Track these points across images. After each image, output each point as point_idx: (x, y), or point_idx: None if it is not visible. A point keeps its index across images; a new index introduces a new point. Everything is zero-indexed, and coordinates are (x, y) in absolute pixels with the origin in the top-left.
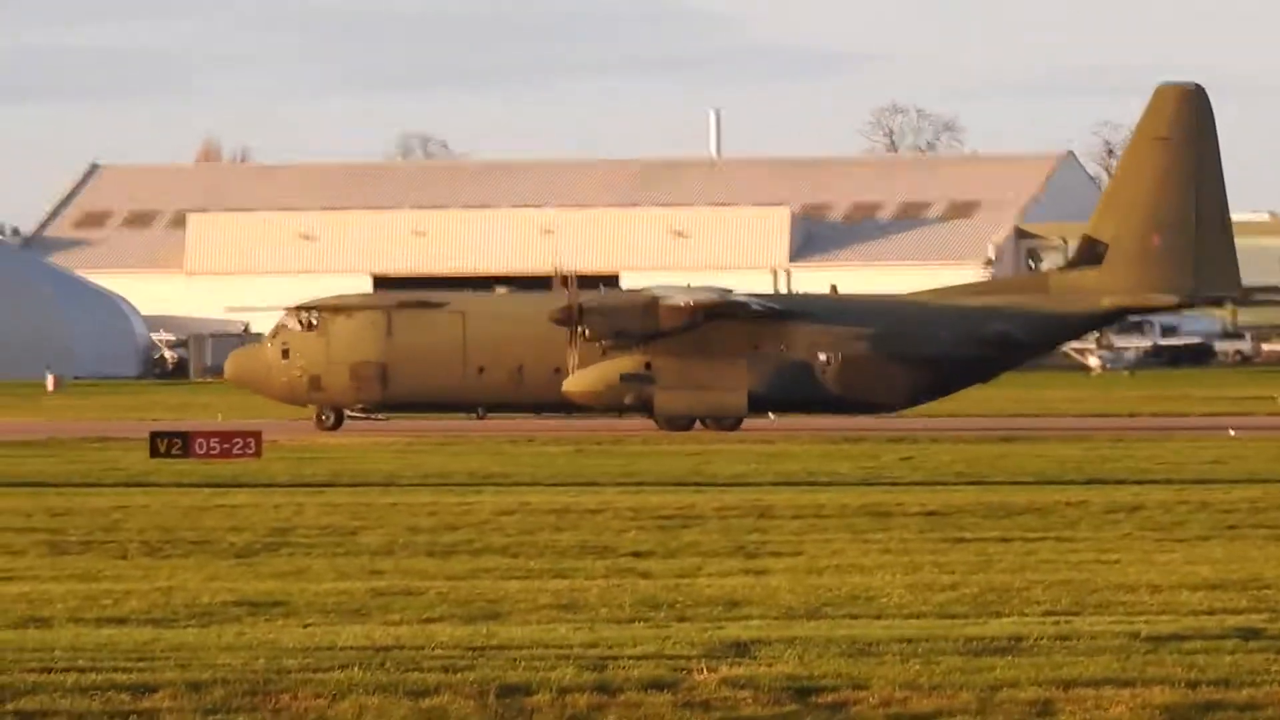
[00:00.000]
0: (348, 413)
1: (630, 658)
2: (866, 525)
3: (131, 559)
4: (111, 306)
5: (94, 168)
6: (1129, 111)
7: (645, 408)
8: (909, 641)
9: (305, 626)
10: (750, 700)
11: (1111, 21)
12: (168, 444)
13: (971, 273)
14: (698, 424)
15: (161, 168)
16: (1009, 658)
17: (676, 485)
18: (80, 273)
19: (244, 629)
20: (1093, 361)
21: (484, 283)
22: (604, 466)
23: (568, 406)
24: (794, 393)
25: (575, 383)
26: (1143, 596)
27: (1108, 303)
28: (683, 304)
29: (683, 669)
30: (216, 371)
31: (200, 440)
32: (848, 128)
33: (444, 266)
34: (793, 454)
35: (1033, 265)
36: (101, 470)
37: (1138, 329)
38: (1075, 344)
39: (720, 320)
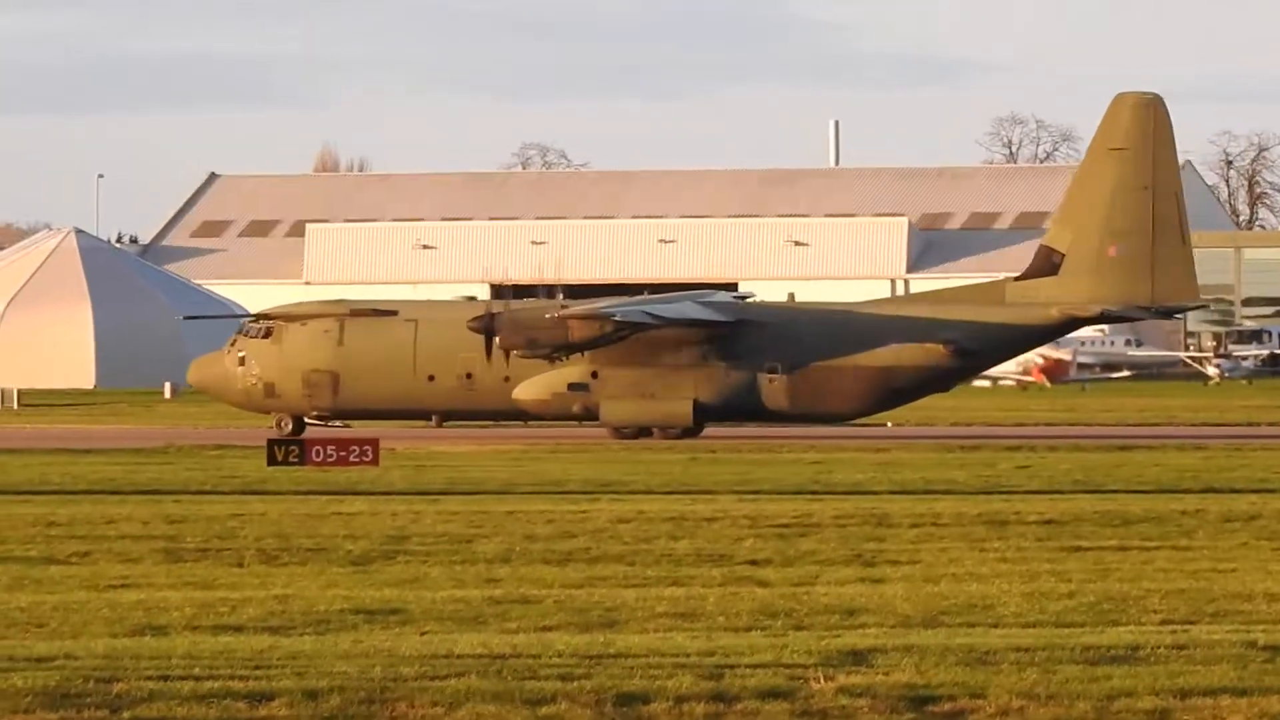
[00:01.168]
0: (307, 420)
1: (747, 666)
2: (984, 534)
3: (248, 566)
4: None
5: (212, 177)
6: (1247, 121)
7: (592, 416)
8: (1026, 650)
9: (422, 634)
10: (867, 709)
11: (1228, 31)
12: (285, 451)
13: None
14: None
15: (279, 177)
16: (1126, 667)
17: (794, 493)
18: (198, 282)
19: (360, 637)
20: (1211, 370)
21: (603, 291)
22: (721, 474)
23: (518, 415)
24: (742, 403)
25: (524, 391)
26: (1260, 605)
27: (1056, 313)
28: (589, 316)
29: (800, 677)
30: None
31: (317, 448)
32: (966, 137)
33: (564, 276)
34: (910, 462)
35: None
36: (219, 478)
37: (1255, 338)
38: (1194, 352)
39: (667, 329)
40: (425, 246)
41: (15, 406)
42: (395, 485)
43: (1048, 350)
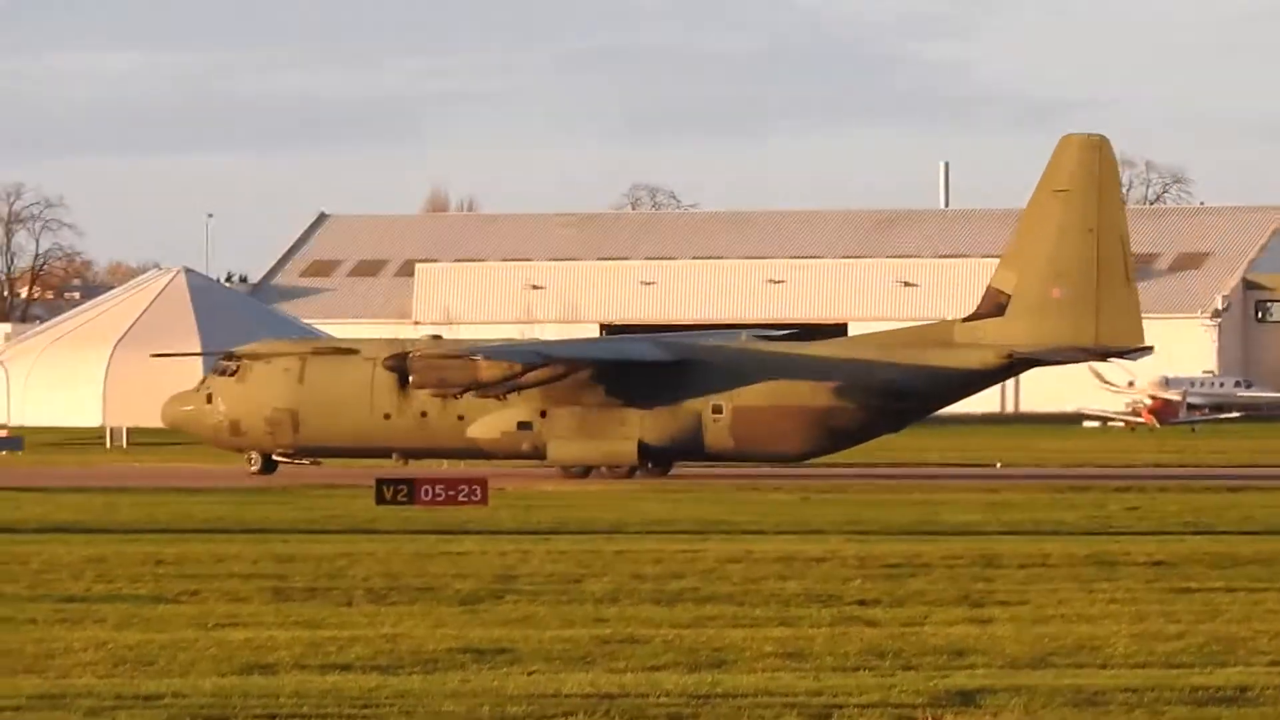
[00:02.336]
0: (276, 457)
1: (856, 706)
2: (1092, 574)
3: (357, 605)
4: None
5: (322, 217)
6: None
7: (540, 455)
8: (1134, 691)
9: (530, 674)
10: None
11: None
12: (394, 491)
13: (1199, 324)
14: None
15: (389, 217)
16: (1235, 708)
17: (903, 534)
18: (307, 321)
19: (468, 676)
20: None
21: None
22: (829, 514)
23: (474, 453)
24: (687, 443)
25: (478, 429)
26: None
27: (996, 356)
28: (495, 359)
29: (908, 718)
30: None
31: (426, 487)
32: None
33: (672, 316)
34: (1019, 503)
35: (1261, 317)
36: (327, 517)
37: None
38: None
39: (613, 368)
40: (534, 287)
41: (124, 445)
42: (504, 524)
43: (1157, 391)
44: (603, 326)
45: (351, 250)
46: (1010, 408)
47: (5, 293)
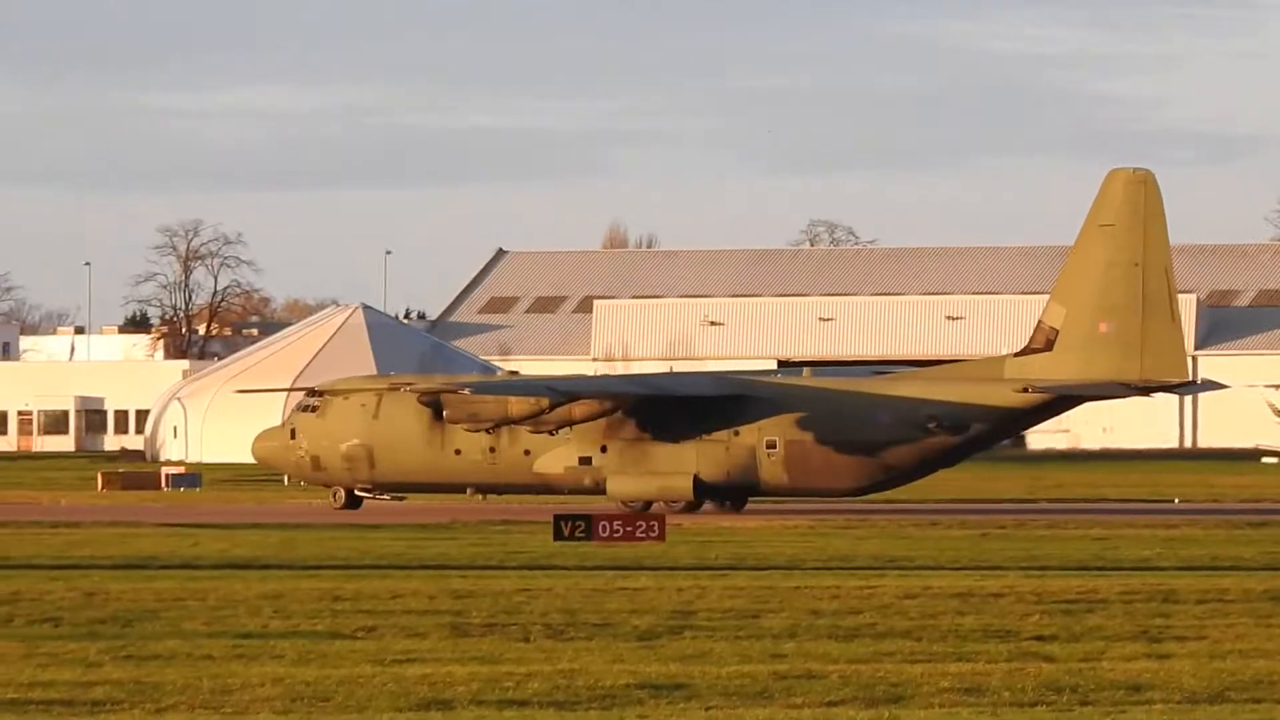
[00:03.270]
0: (358, 492)
1: None
2: (1270, 610)
3: (534, 641)
4: None
5: (500, 253)
6: None
7: (602, 490)
8: None
9: (707, 709)
10: None
11: None
12: (572, 527)
13: None
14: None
15: (568, 253)
16: None
17: (1079, 569)
18: (486, 358)
19: (646, 712)
20: None
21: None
22: (1007, 550)
23: (540, 488)
24: (742, 478)
25: (543, 464)
26: None
27: (1033, 392)
28: (524, 396)
29: None
30: None
31: (604, 523)
32: (1255, 214)
33: (850, 352)
34: (1196, 539)
35: None
36: (505, 553)
37: None
38: None
39: (666, 403)
40: (713, 323)
41: (302, 482)
42: (681, 561)
43: None
44: (780, 363)
45: (530, 286)
46: (1189, 443)
47: (183, 329)
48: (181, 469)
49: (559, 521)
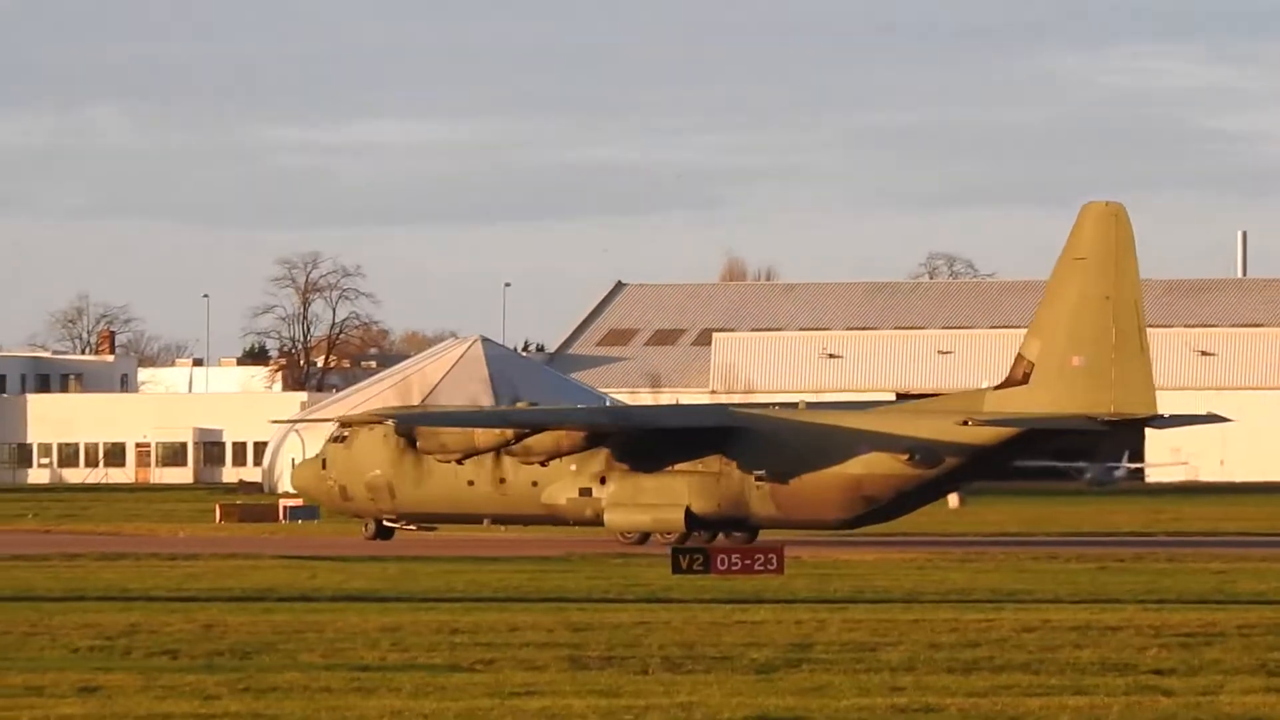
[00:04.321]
0: (386, 523)
1: None
2: None
3: (653, 674)
4: None
5: (619, 285)
6: None
7: (600, 521)
8: None
9: None
10: None
11: None
12: (689, 560)
13: None
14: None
15: (686, 286)
16: None
17: (1198, 602)
18: (604, 390)
19: None
20: None
21: None
22: (1125, 584)
23: (549, 519)
24: (733, 510)
25: (549, 495)
26: None
27: (1010, 427)
28: (489, 428)
29: None
30: None
31: (722, 556)
32: None
33: (969, 385)
34: None
35: None
36: (623, 585)
37: None
38: None
39: (654, 434)
40: (831, 355)
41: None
42: (799, 593)
43: None
44: (899, 396)
45: (649, 319)
46: None
47: (302, 362)
48: (299, 501)
49: (676, 554)
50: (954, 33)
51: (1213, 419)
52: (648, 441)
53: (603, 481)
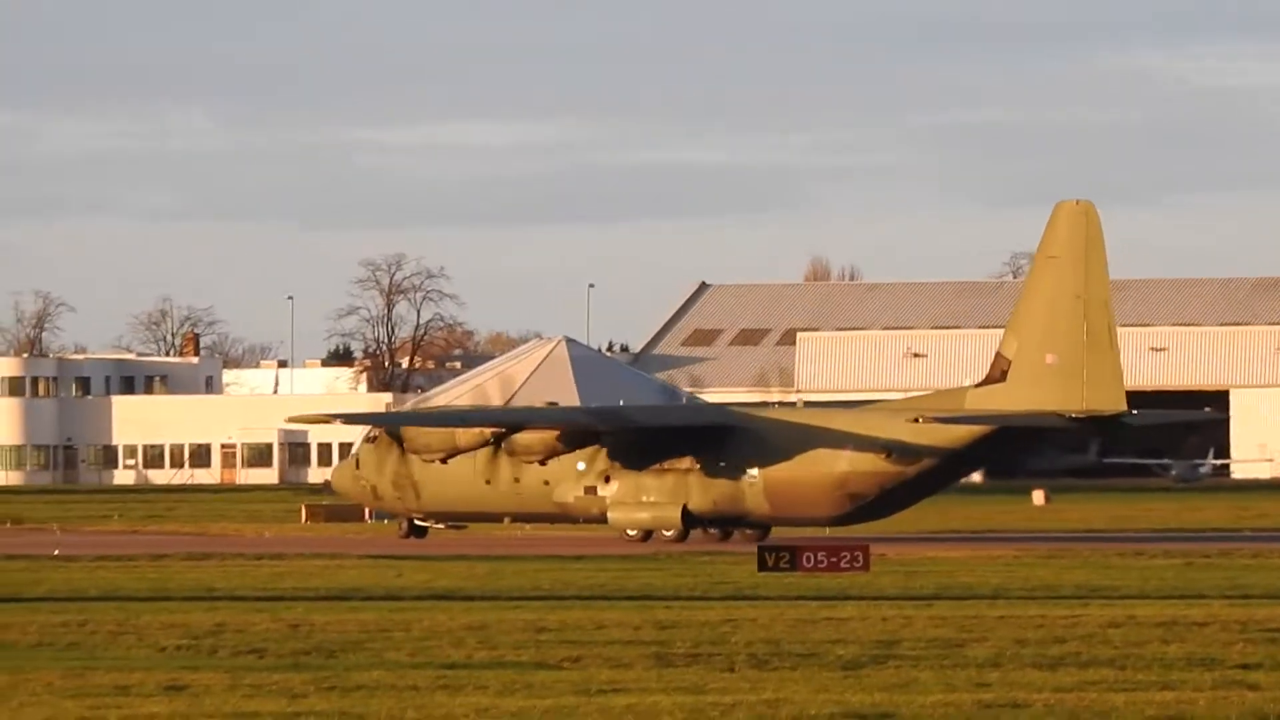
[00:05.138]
0: (418, 522)
1: None
2: None
3: (739, 671)
4: None
5: (703, 286)
6: None
7: (605, 519)
8: None
9: None
10: None
11: None
12: (776, 557)
13: None
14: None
15: (770, 286)
16: None
17: None
18: (689, 390)
19: None
20: None
21: None
22: (1212, 579)
23: (561, 517)
24: (729, 508)
25: (560, 494)
26: None
27: (985, 425)
28: (469, 427)
29: None
30: None
31: (808, 554)
32: None
33: None
34: None
35: None
36: (709, 583)
37: None
38: None
39: (669, 431)
40: (916, 355)
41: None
42: (885, 590)
43: None
44: None
45: (733, 319)
46: None
47: (386, 363)
48: None
49: (763, 552)
50: (1041, 31)
51: (1210, 416)
52: (646, 441)
53: (607, 480)
